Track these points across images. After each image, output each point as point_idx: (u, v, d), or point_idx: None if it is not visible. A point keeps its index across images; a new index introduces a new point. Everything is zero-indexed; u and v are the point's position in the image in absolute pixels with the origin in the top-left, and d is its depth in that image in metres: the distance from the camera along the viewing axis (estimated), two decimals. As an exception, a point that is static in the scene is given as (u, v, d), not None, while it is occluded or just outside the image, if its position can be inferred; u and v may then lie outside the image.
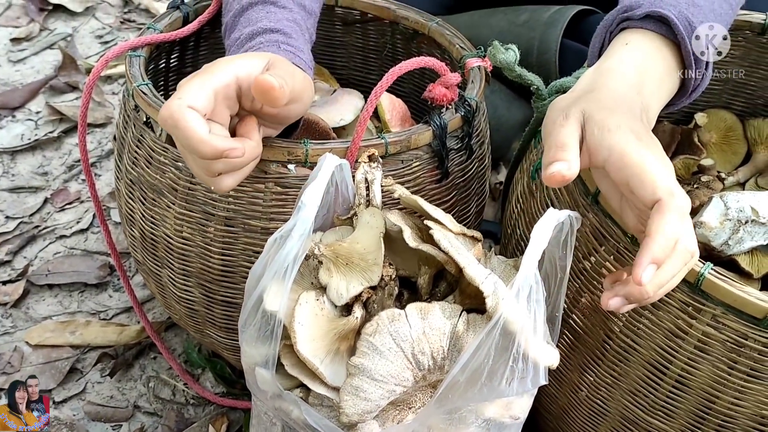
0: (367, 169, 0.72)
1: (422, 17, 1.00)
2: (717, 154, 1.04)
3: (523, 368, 0.61)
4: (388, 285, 0.68)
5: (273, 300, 0.62)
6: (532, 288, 0.60)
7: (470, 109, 0.83)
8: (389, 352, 0.63)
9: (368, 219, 0.70)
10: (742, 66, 1.00)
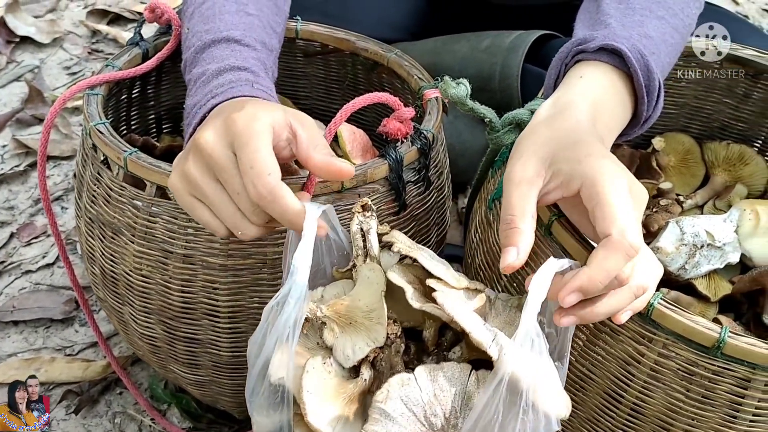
0: (362, 219, 0.71)
1: (381, 48, 1.01)
2: (676, 177, 1.06)
3: (534, 419, 0.60)
4: (394, 343, 0.68)
5: (278, 369, 0.61)
6: (534, 341, 0.59)
7: (427, 142, 0.84)
8: (401, 417, 0.62)
9: (368, 274, 0.70)
10: (696, 90, 1.02)
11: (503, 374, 0.58)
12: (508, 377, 0.58)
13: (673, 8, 0.82)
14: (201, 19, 0.87)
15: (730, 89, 1.00)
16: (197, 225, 0.78)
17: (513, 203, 0.62)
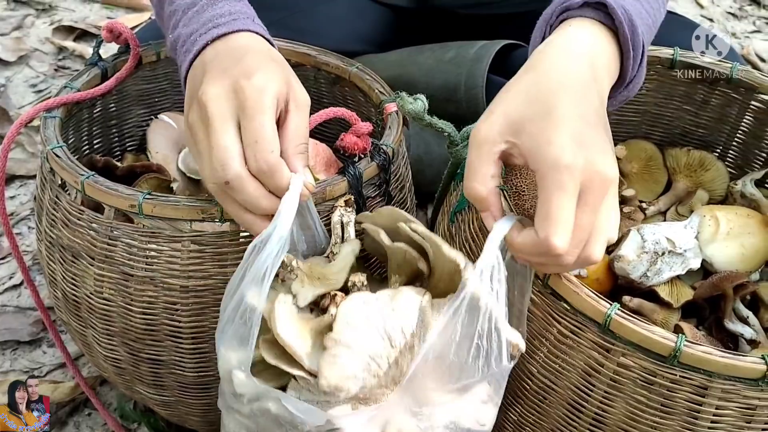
0: (343, 212, 0.78)
1: (343, 62, 1.01)
2: (639, 184, 1.06)
3: (488, 347, 0.65)
4: (360, 289, 0.71)
5: (253, 298, 0.65)
6: (494, 268, 0.64)
7: (386, 157, 0.84)
8: (363, 326, 0.65)
9: (345, 248, 0.75)
10: (656, 98, 1.03)
11: (465, 293, 0.63)
12: (469, 296, 0.63)
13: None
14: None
15: (688, 96, 1.01)
16: (157, 247, 0.78)
17: (473, 166, 0.65)
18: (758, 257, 0.93)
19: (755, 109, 0.98)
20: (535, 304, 0.73)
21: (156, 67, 1.02)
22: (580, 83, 0.67)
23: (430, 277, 0.72)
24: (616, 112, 1.05)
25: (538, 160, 0.62)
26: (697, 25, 1.27)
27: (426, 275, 0.72)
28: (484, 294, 0.63)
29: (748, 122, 1.00)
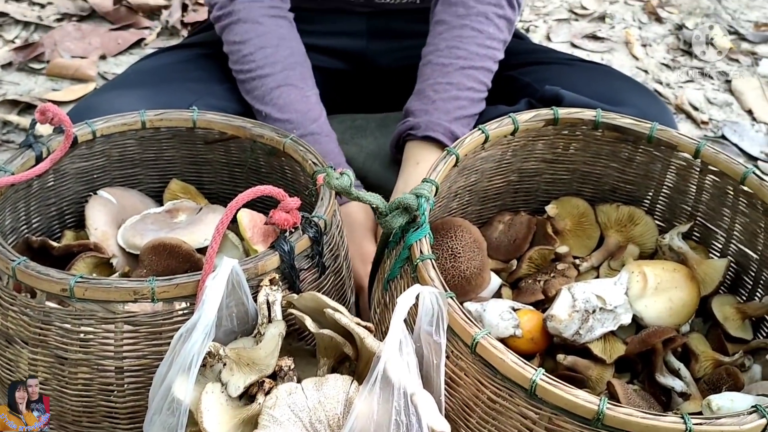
0: (269, 291, 0.79)
1: (277, 134, 1.03)
2: (573, 240, 1.09)
3: (408, 422, 0.66)
4: (287, 375, 0.73)
5: (180, 389, 0.66)
6: (402, 342, 0.67)
7: (318, 229, 0.86)
8: (288, 422, 0.66)
9: (271, 330, 0.76)
10: (584, 157, 1.07)
11: (377, 371, 0.65)
12: (380, 373, 0.65)
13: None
14: (276, 108, 1.15)
15: (614, 154, 1.05)
16: (91, 329, 0.78)
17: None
18: (686, 310, 0.95)
19: (677, 165, 1.02)
20: (465, 371, 0.74)
21: (93, 144, 1.04)
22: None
23: (359, 360, 0.73)
24: (549, 171, 1.09)
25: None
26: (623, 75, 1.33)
27: (354, 358, 0.74)
28: (395, 368, 0.64)
29: (671, 178, 1.04)
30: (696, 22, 2.17)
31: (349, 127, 1.36)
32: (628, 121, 1.00)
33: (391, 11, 1.35)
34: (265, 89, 1.15)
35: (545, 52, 1.39)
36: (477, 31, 1.18)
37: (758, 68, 1.99)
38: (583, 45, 2.04)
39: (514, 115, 0.99)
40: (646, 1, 2.25)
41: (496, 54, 1.21)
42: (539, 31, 2.10)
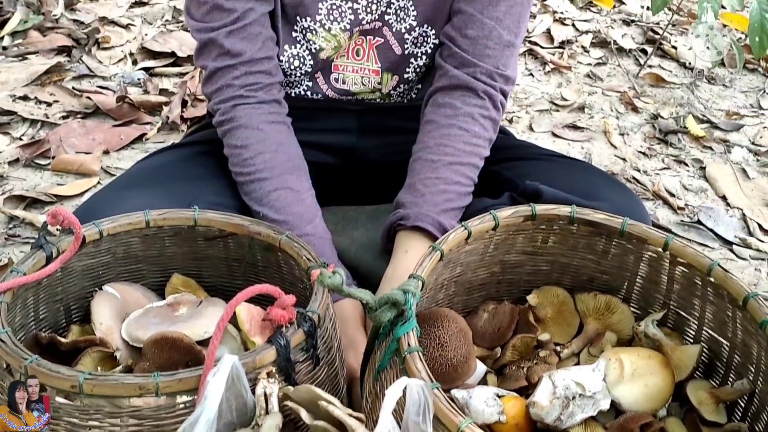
0: (266, 384, 0.84)
1: (273, 231, 1.10)
2: (554, 327, 1.15)
3: None
4: None
5: None
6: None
7: (312, 323, 0.91)
8: None
9: (269, 422, 0.80)
10: (562, 249, 1.13)
11: None
12: None
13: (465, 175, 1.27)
14: (273, 210, 1.22)
15: (590, 247, 1.12)
16: (96, 423, 0.83)
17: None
18: (662, 395, 1.01)
19: (648, 257, 1.09)
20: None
21: (100, 243, 1.10)
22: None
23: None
24: (530, 262, 1.16)
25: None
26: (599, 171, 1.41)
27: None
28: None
29: (644, 269, 1.10)
30: (670, 111, 2.28)
31: (341, 218, 1.43)
32: (601, 216, 1.08)
33: (381, 109, 1.43)
34: (263, 192, 1.23)
35: (527, 148, 1.48)
36: (464, 131, 1.27)
37: (731, 155, 2.09)
38: (564, 134, 2.14)
39: (494, 212, 1.06)
40: (623, 92, 2.36)
41: (482, 151, 1.29)
42: (522, 121, 2.21)
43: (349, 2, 1.27)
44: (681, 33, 2.75)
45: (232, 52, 1.24)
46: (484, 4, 1.25)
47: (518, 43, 1.31)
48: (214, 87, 1.28)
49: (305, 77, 1.36)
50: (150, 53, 2.37)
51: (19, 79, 2.12)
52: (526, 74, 2.47)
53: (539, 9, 2.85)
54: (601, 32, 2.72)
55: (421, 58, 1.35)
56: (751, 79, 2.52)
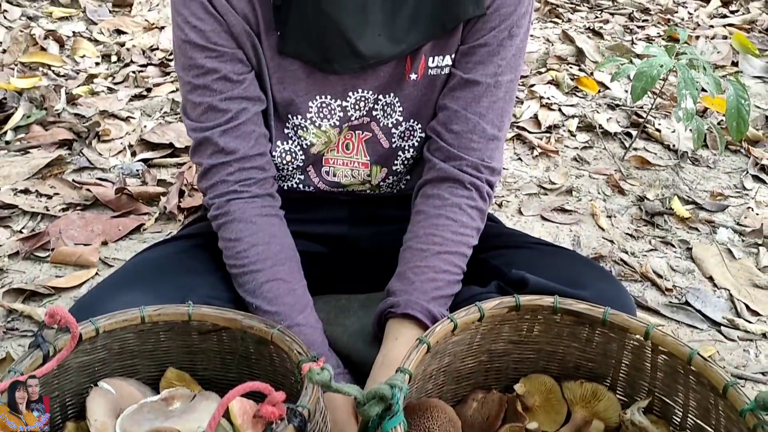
0: None
1: (265, 325, 1.13)
2: (542, 415, 1.17)
3: None
4: None
5: None
6: None
7: (302, 418, 0.93)
8: None
9: None
10: (547, 337, 1.16)
11: None
12: None
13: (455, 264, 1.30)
14: (266, 302, 1.26)
15: (574, 335, 1.15)
16: None
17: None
18: (649, 484, 1.02)
19: (631, 346, 1.11)
20: None
21: (96, 340, 1.13)
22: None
23: None
24: (516, 351, 1.18)
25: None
26: (588, 261, 1.45)
27: None
28: None
29: (628, 357, 1.13)
30: (656, 193, 2.34)
31: (333, 307, 1.46)
32: (583, 306, 1.11)
33: (371, 199, 1.48)
34: (256, 284, 1.26)
35: (515, 236, 1.52)
36: (452, 220, 1.31)
37: (716, 236, 2.13)
38: (553, 218, 2.19)
39: (480, 304, 1.09)
40: (609, 174, 2.43)
41: (470, 240, 1.33)
42: (511, 205, 2.26)
43: (338, 100, 1.33)
44: (664, 116, 2.84)
45: (226, 149, 1.29)
46: (467, 100, 1.31)
47: (502, 135, 1.36)
48: (209, 183, 1.33)
49: (297, 171, 1.41)
50: (148, 145, 2.44)
51: (21, 173, 2.18)
52: (514, 159, 2.54)
53: (526, 95, 2.95)
54: (586, 116, 2.80)
55: (408, 150, 1.40)
56: (734, 160, 2.59)
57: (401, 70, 1.31)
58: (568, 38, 3.48)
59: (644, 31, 3.72)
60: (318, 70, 1.28)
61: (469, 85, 1.30)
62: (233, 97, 1.28)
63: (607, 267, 1.96)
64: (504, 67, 1.31)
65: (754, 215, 2.24)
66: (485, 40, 1.29)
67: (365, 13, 1.21)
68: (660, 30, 3.74)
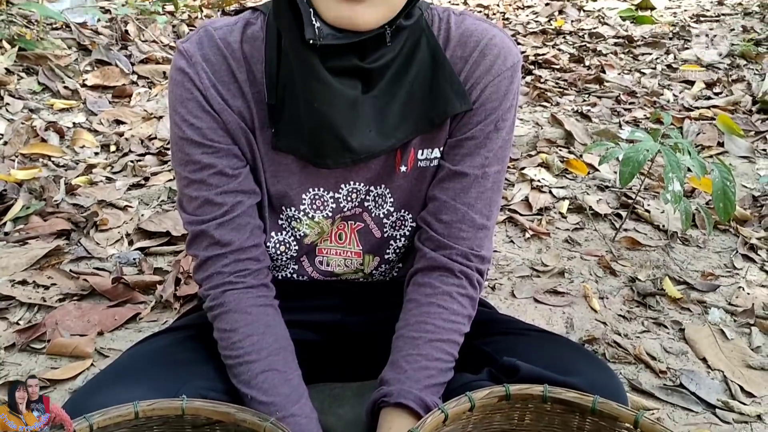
0: None
1: (258, 418, 1.14)
2: (538, 506, 1.16)
3: None
4: None
5: None
6: None
7: None
8: None
9: None
10: (538, 426, 1.17)
11: None
12: None
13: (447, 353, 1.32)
14: (261, 392, 1.26)
15: (565, 423, 1.15)
16: None
17: None
18: None
19: (622, 433, 1.12)
20: None
21: (90, 435, 1.13)
22: None
23: None
24: (509, 440, 1.19)
25: None
26: (575, 345, 1.47)
27: None
28: None
29: (619, 444, 1.13)
30: (647, 274, 2.36)
31: (327, 396, 1.47)
32: (573, 395, 1.12)
33: (364, 287, 1.51)
34: (251, 374, 1.27)
35: (507, 323, 1.54)
36: (443, 308, 1.34)
37: (708, 316, 2.15)
38: (546, 300, 2.21)
39: (470, 394, 1.10)
40: (601, 256, 2.46)
41: (461, 328, 1.35)
42: (504, 288, 2.28)
43: (330, 192, 1.37)
44: (653, 196, 2.89)
45: (222, 242, 1.33)
46: (456, 191, 1.35)
47: (491, 224, 1.40)
48: (205, 275, 1.35)
49: (291, 261, 1.44)
50: (145, 233, 2.47)
51: (19, 264, 2.21)
52: (507, 241, 2.58)
53: (517, 177, 3.01)
54: (577, 198, 2.85)
55: (400, 240, 1.43)
56: (724, 240, 2.63)
57: (392, 163, 1.36)
58: (557, 121, 3.57)
59: (631, 113, 3.82)
60: (311, 164, 1.33)
61: (458, 176, 1.35)
62: (229, 191, 1.32)
63: (600, 349, 1.97)
64: (491, 158, 1.35)
65: (745, 295, 2.26)
66: (472, 134, 1.34)
67: (356, 111, 1.25)
68: (647, 112, 3.84)
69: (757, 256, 2.51)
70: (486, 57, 1.31)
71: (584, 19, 5.84)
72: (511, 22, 5.61)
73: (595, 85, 4.29)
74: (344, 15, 1.14)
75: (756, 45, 4.91)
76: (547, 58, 4.71)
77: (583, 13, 5.99)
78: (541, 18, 5.80)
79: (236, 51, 1.29)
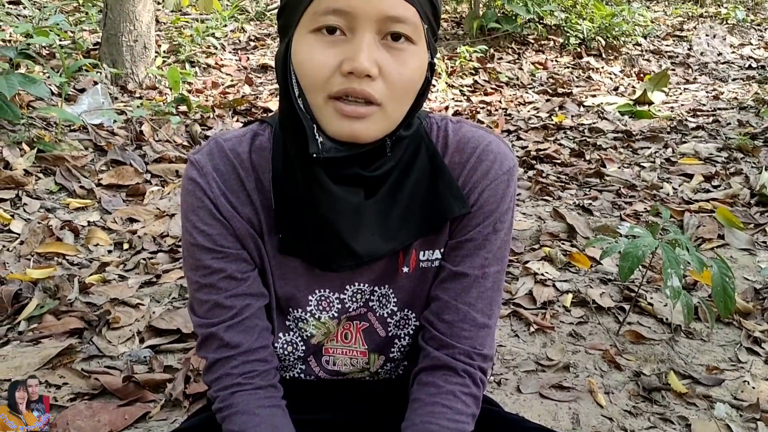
0: None
1: None
2: None
3: None
4: None
5: None
6: None
7: None
8: None
9: None
10: None
11: None
12: None
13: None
14: None
15: None
16: None
17: None
18: None
19: None
20: None
21: None
22: None
23: None
24: None
25: None
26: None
27: None
28: None
29: None
30: (652, 368, 2.38)
31: None
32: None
33: (370, 385, 1.54)
34: None
35: (512, 422, 1.55)
36: (447, 408, 1.36)
37: (714, 411, 2.15)
38: (552, 395, 2.22)
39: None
40: (605, 350, 2.48)
41: (465, 427, 1.37)
42: (510, 383, 2.30)
43: (336, 293, 1.42)
44: (656, 289, 2.93)
45: (230, 344, 1.37)
46: (457, 291, 1.40)
47: (492, 323, 1.44)
48: (214, 376, 1.39)
49: (299, 361, 1.48)
50: (156, 331, 2.52)
51: (32, 363, 2.25)
52: (511, 335, 2.60)
53: (521, 272, 3.06)
54: (580, 291, 2.89)
55: (404, 339, 1.47)
56: (728, 333, 2.65)
57: (394, 264, 1.41)
58: (559, 215, 3.64)
59: (632, 206, 3.89)
60: (317, 267, 1.39)
61: (458, 277, 1.40)
62: (238, 294, 1.37)
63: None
64: (490, 259, 1.41)
65: (750, 389, 2.27)
66: (471, 236, 1.40)
67: (359, 216, 1.32)
68: (647, 205, 3.91)
69: (761, 349, 2.52)
70: (483, 162, 1.38)
71: (584, 114, 6.00)
72: (513, 118, 5.76)
73: (595, 179, 4.38)
74: (346, 130, 1.22)
75: (752, 138, 5.04)
76: (549, 153, 4.83)
77: (583, 108, 6.16)
78: (542, 113, 5.96)
79: (245, 161, 1.37)
